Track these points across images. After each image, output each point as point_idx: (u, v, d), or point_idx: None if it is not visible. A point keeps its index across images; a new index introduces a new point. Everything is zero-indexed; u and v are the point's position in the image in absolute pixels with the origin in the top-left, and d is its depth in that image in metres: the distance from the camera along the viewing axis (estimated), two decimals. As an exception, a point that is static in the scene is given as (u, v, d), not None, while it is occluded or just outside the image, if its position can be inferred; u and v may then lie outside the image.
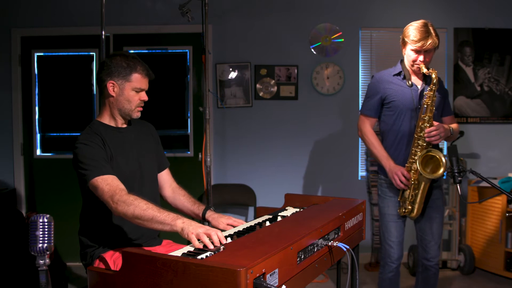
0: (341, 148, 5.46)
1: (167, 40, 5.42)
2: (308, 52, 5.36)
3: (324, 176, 5.48)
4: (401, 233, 3.50)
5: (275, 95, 5.38)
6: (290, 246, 1.95)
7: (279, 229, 2.27)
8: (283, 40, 5.38)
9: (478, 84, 5.58)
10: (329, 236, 2.38)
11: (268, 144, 5.43)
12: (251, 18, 5.36)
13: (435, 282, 3.58)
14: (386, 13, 5.42)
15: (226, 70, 5.35)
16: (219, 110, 5.38)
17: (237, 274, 1.62)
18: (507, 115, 5.63)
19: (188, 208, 2.87)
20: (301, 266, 2.06)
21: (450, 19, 5.48)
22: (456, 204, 5.22)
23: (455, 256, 5.25)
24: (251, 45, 5.37)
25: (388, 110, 3.46)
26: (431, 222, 3.50)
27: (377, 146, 3.47)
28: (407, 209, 3.39)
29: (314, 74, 5.38)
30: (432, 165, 3.30)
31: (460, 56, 5.55)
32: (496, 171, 5.49)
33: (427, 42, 3.22)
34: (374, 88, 3.49)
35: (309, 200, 3.06)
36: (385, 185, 3.52)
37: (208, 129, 4.01)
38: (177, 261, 1.76)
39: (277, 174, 5.42)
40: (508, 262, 4.90)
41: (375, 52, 5.47)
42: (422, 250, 3.56)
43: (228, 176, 5.41)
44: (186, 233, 2.17)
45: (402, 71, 3.42)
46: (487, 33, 5.56)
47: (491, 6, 5.55)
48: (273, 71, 5.36)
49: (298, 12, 5.37)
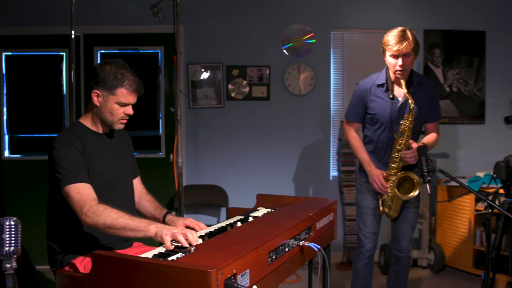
0: (313, 148, 5.49)
1: (138, 40, 5.38)
2: (280, 53, 5.37)
3: (296, 176, 5.50)
4: (376, 226, 3.63)
5: (247, 96, 5.38)
6: (261, 246, 1.96)
7: (250, 230, 2.28)
8: (255, 40, 5.38)
9: (447, 85, 5.66)
10: (300, 236, 2.39)
11: (241, 144, 5.42)
12: (223, 18, 5.35)
13: (406, 274, 3.71)
14: (357, 14, 5.46)
15: (198, 70, 5.33)
16: (191, 111, 5.35)
17: (208, 275, 1.62)
18: (476, 115, 5.73)
19: (150, 213, 2.84)
20: (272, 266, 2.07)
21: (420, 21, 5.55)
22: (426, 203, 5.30)
23: (425, 254, 5.32)
24: (223, 45, 5.36)
25: (369, 120, 3.57)
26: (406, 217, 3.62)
27: (359, 150, 3.59)
28: (385, 211, 3.55)
29: (286, 75, 5.39)
30: (408, 185, 3.42)
31: (430, 57, 5.63)
32: (465, 170, 5.57)
33: (402, 45, 3.27)
34: (357, 96, 3.58)
35: (281, 200, 3.07)
36: (364, 180, 3.64)
37: (180, 130, 3.98)
38: (148, 262, 1.75)
39: (249, 174, 5.42)
40: (477, 259, 4.98)
41: (347, 53, 5.50)
42: (395, 241, 3.67)
43: (200, 177, 5.39)
44: (160, 236, 2.16)
45: (385, 83, 3.48)
46: (456, 35, 5.65)
47: (460, 9, 5.64)
48: (245, 71, 5.36)
49: (270, 13, 5.38)
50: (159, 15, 4.03)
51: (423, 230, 5.34)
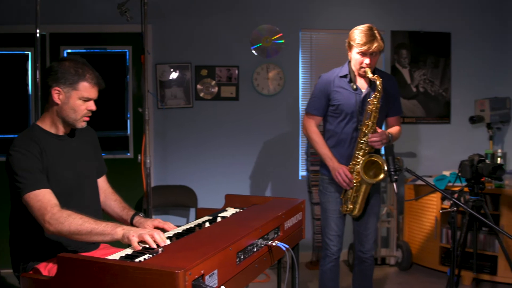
0: (282, 148, 5.51)
1: (106, 39, 5.32)
2: (249, 53, 5.38)
3: (265, 176, 5.51)
4: (341, 228, 3.60)
5: (216, 96, 5.37)
6: (229, 246, 1.95)
7: (218, 230, 2.27)
8: (224, 40, 5.37)
9: (414, 85, 5.74)
10: (269, 236, 2.40)
11: (210, 145, 5.41)
12: (192, 18, 5.32)
13: (371, 274, 3.74)
14: (325, 15, 5.50)
15: (166, 70, 5.29)
16: (159, 111, 5.31)
17: (175, 276, 1.61)
18: (442, 115, 5.83)
19: (117, 213, 2.78)
20: (240, 266, 2.07)
21: (387, 22, 5.62)
22: (394, 202, 5.36)
23: (393, 252, 5.39)
24: (192, 45, 5.34)
25: (332, 112, 3.53)
26: (368, 219, 3.63)
27: (321, 145, 3.54)
28: (349, 208, 3.49)
29: (255, 75, 5.40)
30: (374, 170, 3.40)
31: (397, 58, 5.70)
32: (431, 169, 5.65)
33: (372, 45, 3.30)
34: (320, 89, 3.55)
35: (249, 200, 3.07)
36: (326, 181, 3.60)
37: (148, 130, 3.94)
38: (114, 264, 1.73)
39: (218, 175, 5.40)
40: (443, 256, 5.07)
41: (315, 53, 5.54)
42: (358, 243, 3.68)
43: (169, 178, 5.36)
44: (127, 237, 2.13)
45: (349, 74, 3.49)
46: (422, 36, 5.74)
47: (427, 10, 5.73)
48: (214, 71, 5.35)
49: (239, 13, 5.38)
50: (126, 14, 3.99)
51: (390, 228, 5.41)
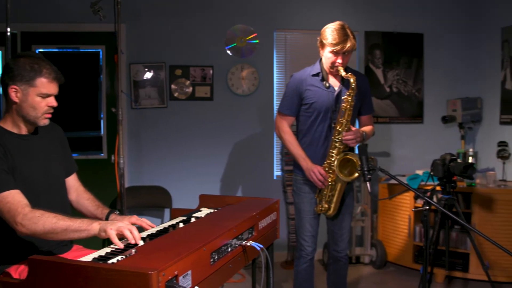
0: (256, 148, 5.51)
1: (79, 38, 5.26)
2: (224, 53, 5.36)
3: (240, 176, 5.51)
4: (315, 228, 3.60)
5: (190, 96, 5.35)
6: (203, 247, 1.95)
7: (192, 231, 2.26)
8: (199, 40, 5.35)
9: (388, 85, 5.80)
10: (243, 236, 2.39)
11: (184, 145, 5.38)
12: (166, 18, 5.29)
13: (345, 273, 3.76)
14: (300, 15, 5.52)
15: (140, 70, 5.25)
16: (133, 111, 5.27)
17: (149, 277, 1.60)
18: (415, 115, 5.90)
19: (91, 212, 2.72)
20: (214, 266, 2.06)
21: (361, 23, 5.66)
22: (368, 201, 5.41)
23: (368, 251, 5.43)
24: (166, 45, 5.31)
25: (306, 111, 3.52)
26: (342, 218, 3.64)
27: (294, 145, 3.52)
28: (323, 208, 3.49)
29: (230, 75, 5.39)
30: (349, 168, 3.41)
31: (371, 58, 5.75)
32: (405, 168, 5.71)
33: (346, 45, 3.30)
34: (293, 88, 3.53)
35: (224, 200, 3.06)
36: (300, 181, 3.59)
37: (121, 131, 3.91)
38: (87, 266, 1.71)
39: (193, 175, 5.38)
40: (417, 254, 5.13)
41: (290, 54, 5.56)
42: (333, 243, 3.70)
43: (144, 178, 5.32)
44: (104, 230, 2.11)
45: (321, 72, 3.49)
46: (396, 36, 5.80)
47: (400, 11, 5.79)
48: (188, 71, 5.32)
49: (214, 12, 5.37)
50: (99, 13, 3.94)
51: (365, 227, 5.45)
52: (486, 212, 4.76)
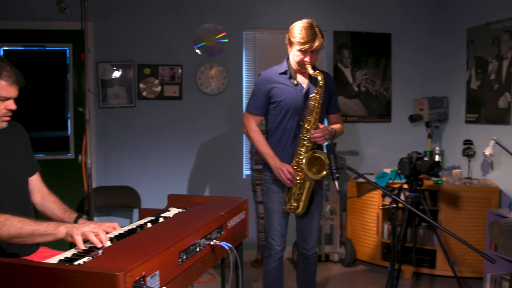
0: (226, 147, 5.50)
1: (45, 37, 5.16)
2: (193, 52, 5.34)
3: (209, 175, 5.49)
4: (284, 227, 3.60)
5: (159, 95, 5.31)
6: (171, 247, 1.94)
7: (160, 231, 2.25)
8: (168, 39, 5.32)
9: (356, 85, 5.85)
10: (212, 235, 2.39)
11: (153, 144, 5.34)
12: (134, 16, 5.24)
13: (314, 270, 3.77)
14: (269, 15, 5.53)
15: (108, 69, 5.19)
16: (101, 111, 5.21)
17: (115, 278, 1.58)
18: (383, 114, 5.96)
19: (58, 216, 2.64)
20: (183, 266, 2.05)
21: (330, 23, 5.70)
22: (337, 200, 5.45)
23: (337, 249, 5.48)
24: (135, 44, 5.26)
25: (274, 109, 3.51)
26: (311, 217, 3.64)
27: (262, 144, 3.50)
28: (292, 206, 3.48)
29: (199, 74, 5.37)
30: (317, 166, 3.41)
31: (339, 58, 5.79)
32: (373, 167, 5.78)
33: (314, 43, 3.30)
34: (260, 86, 3.51)
35: (192, 200, 3.05)
36: (269, 181, 3.58)
37: (89, 130, 3.86)
38: (52, 268, 1.68)
39: (162, 175, 5.35)
40: (385, 252, 5.19)
41: (259, 53, 5.56)
42: (302, 241, 3.71)
43: (112, 178, 5.26)
44: (70, 235, 2.08)
45: (288, 70, 3.48)
46: (364, 36, 5.85)
47: (368, 11, 5.85)
48: (157, 70, 5.28)
49: (183, 11, 5.34)
50: (66, 11, 3.87)
51: (334, 225, 5.49)
52: (452, 209, 4.84)
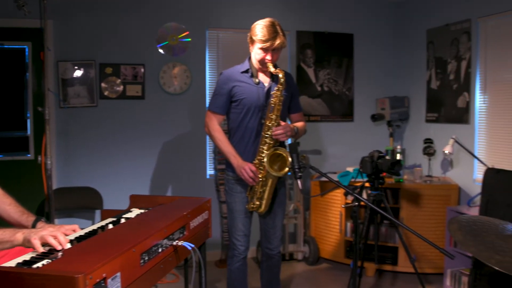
0: (189, 147, 5.47)
1: (3, 34, 5.03)
2: (155, 51, 5.29)
3: (173, 175, 5.46)
4: (247, 227, 3.60)
5: (121, 95, 5.24)
6: (132, 248, 1.92)
7: (121, 232, 2.22)
8: (130, 38, 5.26)
9: (319, 84, 5.90)
10: (174, 235, 2.37)
11: (115, 144, 5.28)
12: (95, 14, 5.16)
13: (278, 269, 3.78)
14: (232, 14, 5.53)
15: (69, 68, 5.10)
16: (62, 110, 5.11)
17: (75, 281, 1.55)
18: (345, 113, 6.03)
19: (15, 219, 2.54)
20: (145, 267, 2.03)
21: (293, 22, 5.73)
22: (301, 199, 5.48)
23: (301, 247, 5.51)
24: (96, 42, 5.18)
25: (236, 107, 3.51)
26: (274, 217, 3.64)
27: (224, 142, 3.50)
28: (255, 205, 3.47)
29: (161, 74, 5.32)
30: (279, 163, 3.41)
31: (302, 57, 5.83)
32: (336, 166, 5.83)
33: (275, 42, 3.32)
34: (222, 85, 3.51)
35: (155, 200, 3.03)
36: (232, 181, 3.57)
37: (48, 130, 3.78)
38: (9, 272, 1.64)
39: (125, 175, 5.29)
40: (348, 250, 5.24)
41: (222, 52, 5.55)
42: (265, 241, 3.71)
43: (73, 179, 5.17)
44: (28, 241, 2.03)
45: (250, 69, 3.49)
46: (326, 36, 5.90)
47: (330, 12, 5.91)
48: (119, 69, 5.22)
49: (145, 10, 5.28)
50: (24, 8, 3.78)
51: (298, 224, 5.52)
52: (413, 207, 4.92)
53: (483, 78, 4.91)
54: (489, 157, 4.82)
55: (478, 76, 4.95)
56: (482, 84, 4.92)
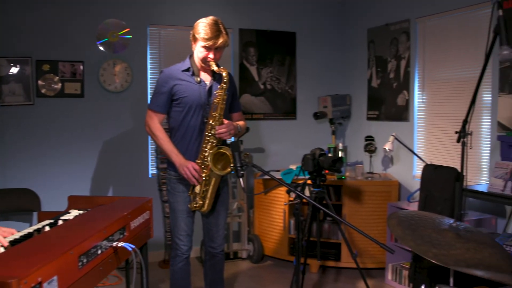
0: (131, 146, 5.38)
1: None
2: (95, 47, 5.16)
3: (114, 175, 5.35)
4: (190, 227, 3.57)
5: (59, 93, 5.09)
6: (69, 250, 1.88)
7: (58, 234, 2.17)
8: (68, 34, 5.10)
9: (262, 82, 5.91)
10: (114, 236, 2.33)
11: (53, 144, 5.12)
12: (32, 8, 4.98)
13: (222, 268, 3.77)
14: (174, 11, 5.46)
15: (3, 64, 4.90)
16: (-4, 109, 4.93)
17: (8, 286, 1.50)
18: (288, 111, 6.07)
19: None
20: (83, 270, 1.99)
21: (235, 20, 5.72)
22: (244, 197, 5.48)
23: (245, 246, 5.51)
24: (32, 38, 5.00)
25: (177, 106, 3.47)
26: (217, 216, 3.63)
27: (166, 141, 3.45)
28: (198, 204, 3.44)
29: (101, 71, 5.20)
30: (222, 162, 3.39)
31: (245, 55, 5.83)
32: (280, 163, 5.87)
33: (218, 40, 3.31)
34: (162, 84, 3.47)
35: (95, 201, 2.97)
36: (174, 180, 3.53)
37: (-19, 130, 3.64)
38: None
39: (64, 176, 5.13)
40: (292, 247, 5.28)
41: (164, 50, 5.48)
42: (209, 240, 3.69)
43: (9, 181, 4.98)
44: None
45: (191, 67, 3.46)
46: (269, 35, 5.92)
47: (273, 10, 5.94)
48: (57, 66, 5.06)
49: (85, 5, 5.14)
50: (-48, 2, 3.63)
51: (242, 223, 5.52)
52: (355, 203, 5.01)
53: (421, 77, 5.04)
54: (428, 154, 4.96)
55: (416, 75, 5.09)
56: (420, 83, 5.06)
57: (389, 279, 4.80)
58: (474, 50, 4.38)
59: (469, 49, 4.45)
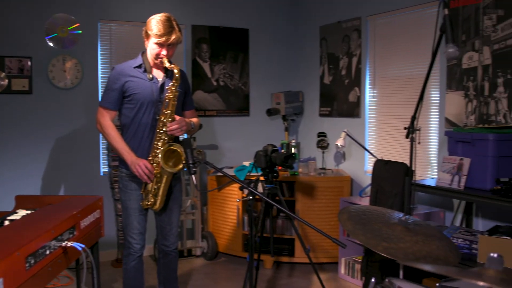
0: (82, 144, 5.28)
1: None
2: (44, 43, 5.03)
3: (64, 174, 5.23)
4: (143, 225, 3.53)
5: (6, 89, 4.93)
6: (16, 251, 1.84)
7: (4, 235, 2.11)
8: (15, 28, 4.96)
9: (215, 79, 5.90)
10: (63, 236, 2.28)
11: (1, 142, 4.97)
12: (-25, 3, 4.84)
13: (175, 266, 3.76)
14: (125, 7, 5.39)
15: None
16: None
17: (-51, 290, 1.45)
18: (241, 108, 6.08)
19: None
20: (31, 271, 1.95)
21: (188, 16, 5.68)
22: (198, 194, 5.46)
23: (199, 243, 5.50)
24: (-24, 33, 4.86)
25: (128, 103, 3.42)
26: (170, 213, 3.60)
27: (117, 139, 3.39)
28: (150, 202, 3.41)
29: (50, 67, 5.08)
30: (174, 159, 3.37)
31: (198, 52, 5.80)
32: (233, 160, 5.87)
33: (171, 37, 3.28)
34: (114, 80, 3.41)
35: (43, 200, 2.91)
36: (126, 178, 3.48)
37: None
38: None
39: (10, 175, 4.99)
40: (246, 243, 5.30)
41: (115, 45, 5.39)
42: (162, 238, 3.66)
43: (-47, 180, 4.84)
44: None
45: (143, 64, 3.42)
46: (222, 31, 5.91)
47: (226, 6, 5.93)
48: (3, 62, 4.91)
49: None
50: None
51: (195, 220, 5.51)
52: (308, 199, 5.06)
53: (372, 74, 5.14)
54: (379, 149, 5.05)
55: (367, 72, 5.18)
56: (371, 80, 5.15)
57: (342, 273, 4.87)
58: (422, 48, 4.49)
59: (418, 47, 4.56)
